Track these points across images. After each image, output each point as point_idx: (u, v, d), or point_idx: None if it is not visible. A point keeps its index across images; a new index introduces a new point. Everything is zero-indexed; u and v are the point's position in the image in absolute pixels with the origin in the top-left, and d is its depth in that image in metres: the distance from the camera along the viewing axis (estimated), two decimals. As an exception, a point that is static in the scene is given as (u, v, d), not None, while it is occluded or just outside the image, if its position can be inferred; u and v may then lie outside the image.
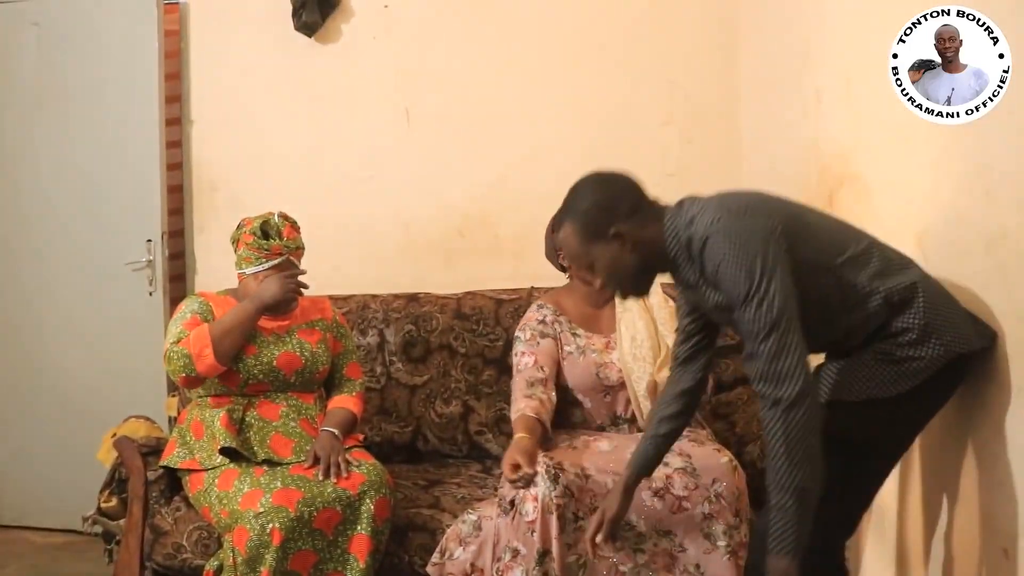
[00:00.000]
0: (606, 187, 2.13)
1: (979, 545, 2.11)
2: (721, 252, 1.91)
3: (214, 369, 2.73)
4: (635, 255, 2.05)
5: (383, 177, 3.66)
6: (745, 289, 1.87)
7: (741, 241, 1.90)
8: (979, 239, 2.08)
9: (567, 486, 2.59)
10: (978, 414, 2.11)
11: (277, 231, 2.81)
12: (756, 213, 1.97)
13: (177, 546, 2.78)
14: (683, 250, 2.02)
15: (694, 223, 1.99)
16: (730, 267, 1.89)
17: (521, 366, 2.90)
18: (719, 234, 1.92)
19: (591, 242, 2.07)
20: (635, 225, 2.05)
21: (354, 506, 2.62)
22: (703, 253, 1.95)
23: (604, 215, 2.06)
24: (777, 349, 1.85)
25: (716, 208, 1.99)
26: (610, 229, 2.04)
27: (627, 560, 2.61)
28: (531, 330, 2.94)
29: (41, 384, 3.76)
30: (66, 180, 3.72)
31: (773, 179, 3.37)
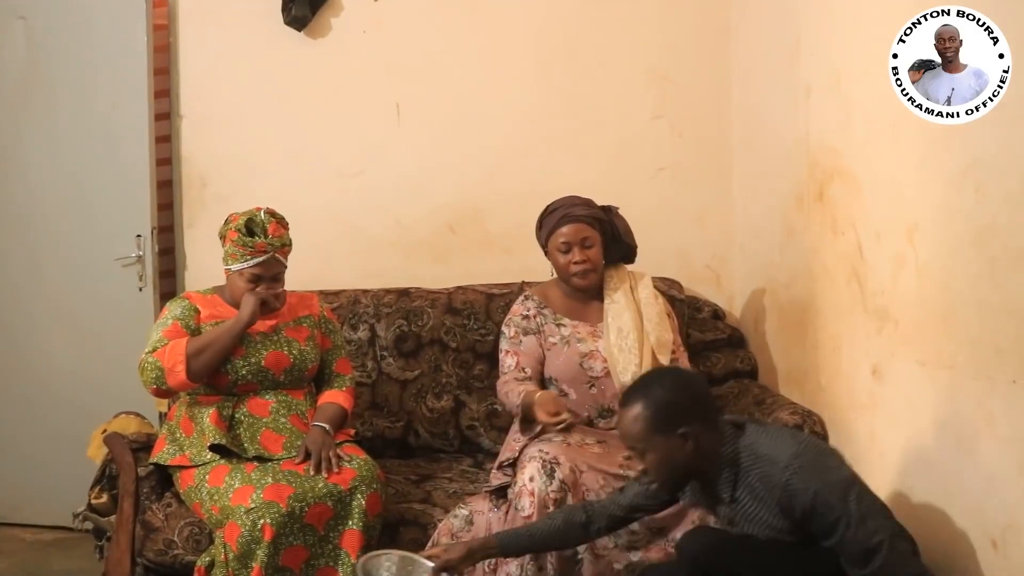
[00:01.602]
0: (689, 387, 2.19)
1: (968, 537, 2.12)
2: (809, 481, 2.02)
3: (185, 386, 2.71)
4: (688, 458, 2.12)
5: (373, 172, 3.65)
6: (845, 519, 2.01)
7: (828, 470, 2.07)
8: (969, 234, 2.09)
9: (563, 481, 2.59)
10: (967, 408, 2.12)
11: (262, 228, 2.79)
12: (832, 451, 2.21)
13: (168, 542, 2.77)
14: (731, 470, 2.13)
15: (766, 446, 2.10)
16: (823, 497, 2.01)
17: (505, 367, 2.90)
18: (804, 461, 2.05)
19: (655, 432, 2.11)
20: (701, 432, 2.12)
21: (345, 501, 2.62)
22: (790, 480, 2.03)
23: (679, 413, 2.12)
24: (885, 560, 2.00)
25: (790, 439, 2.13)
26: (679, 428, 2.10)
27: (621, 558, 2.61)
28: (514, 326, 2.94)
29: (31, 380, 3.74)
30: (55, 175, 3.69)
31: (764, 173, 3.38)
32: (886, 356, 2.49)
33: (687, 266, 2.88)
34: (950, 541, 2.19)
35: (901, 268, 2.38)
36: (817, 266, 2.91)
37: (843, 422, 2.72)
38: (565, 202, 2.94)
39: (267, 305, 2.79)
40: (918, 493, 2.33)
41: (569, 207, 2.91)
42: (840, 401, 2.77)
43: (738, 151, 3.59)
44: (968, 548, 2.13)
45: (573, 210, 2.89)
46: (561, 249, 2.89)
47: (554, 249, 2.90)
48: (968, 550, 2.13)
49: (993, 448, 2.03)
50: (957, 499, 2.17)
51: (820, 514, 2.00)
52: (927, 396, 2.28)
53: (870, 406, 2.59)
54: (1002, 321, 1.98)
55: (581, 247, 2.87)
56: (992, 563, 2.05)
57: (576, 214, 2.89)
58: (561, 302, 2.97)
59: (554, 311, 2.95)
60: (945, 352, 2.20)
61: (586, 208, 2.91)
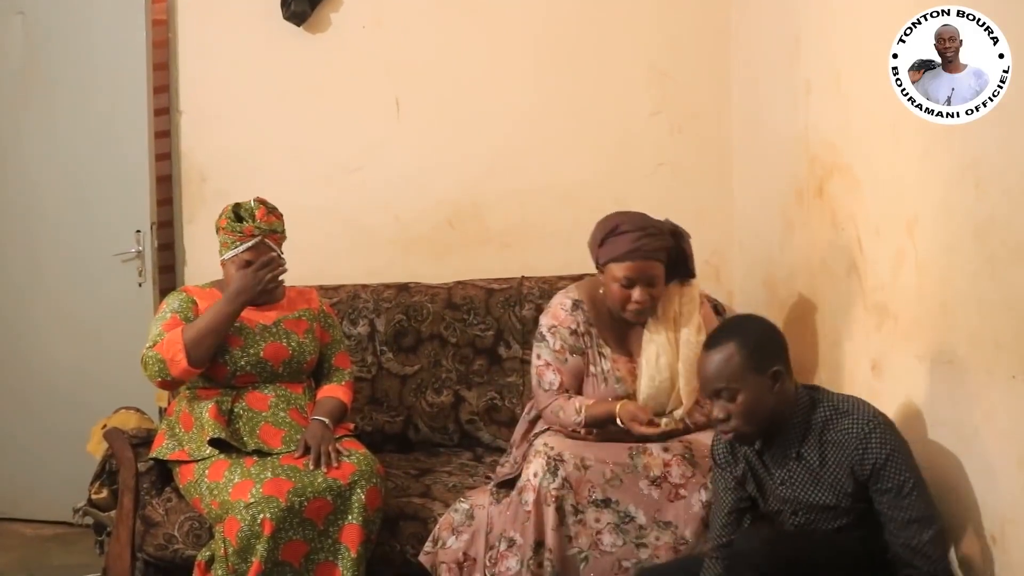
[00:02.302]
0: (773, 328, 2.24)
1: (968, 532, 2.13)
2: (890, 443, 2.08)
3: (188, 373, 2.72)
4: (775, 401, 2.13)
5: (373, 167, 3.65)
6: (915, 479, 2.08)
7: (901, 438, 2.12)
8: (969, 229, 2.09)
9: (566, 478, 2.58)
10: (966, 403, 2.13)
11: (250, 213, 2.79)
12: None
13: (168, 537, 2.77)
14: (803, 423, 2.15)
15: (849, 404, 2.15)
16: (898, 459, 2.07)
17: (545, 383, 2.73)
18: (885, 424, 2.11)
19: (751, 371, 2.11)
20: (787, 375, 2.16)
21: (345, 496, 2.62)
22: (871, 436, 2.08)
23: (772, 350, 2.15)
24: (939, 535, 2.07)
25: (868, 404, 2.17)
26: (772, 366, 2.12)
27: (630, 555, 2.59)
28: (561, 340, 2.74)
29: (31, 375, 3.74)
30: (54, 171, 3.69)
31: (763, 169, 3.38)
32: (885, 351, 2.49)
33: (686, 261, 2.89)
34: (951, 536, 2.20)
35: (901, 263, 2.38)
36: (816, 261, 2.91)
37: (842, 417, 2.72)
38: (633, 224, 2.67)
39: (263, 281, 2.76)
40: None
41: (639, 237, 2.63)
42: (839, 396, 2.77)
43: (737, 147, 3.59)
44: (967, 543, 2.13)
45: (645, 243, 2.63)
46: (622, 283, 2.65)
47: (612, 278, 2.67)
48: (967, 545, 2.13)
49: (992, 443, 2.03)
50: (956, 494, 2.18)
51: (890, 474, 2.05)
52: (926, 391, 2.28)
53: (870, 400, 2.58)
54: (1001, 316, 1.98)
55: (645, 286, 2.66)
56: (991, 558, 2.05)
57: (648, 249, 2.64)
58: (608, 321, 2.77)
59: (599, 331, 2.77)
60: (944, 347, 2.20)
61: (659, 240, 2.67)
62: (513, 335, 3.34)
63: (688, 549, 2.58)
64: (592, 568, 2.58)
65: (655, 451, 2.65)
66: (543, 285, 3.40)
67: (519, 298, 3.39)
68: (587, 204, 3.53)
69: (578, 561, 2.59)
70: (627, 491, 2.60)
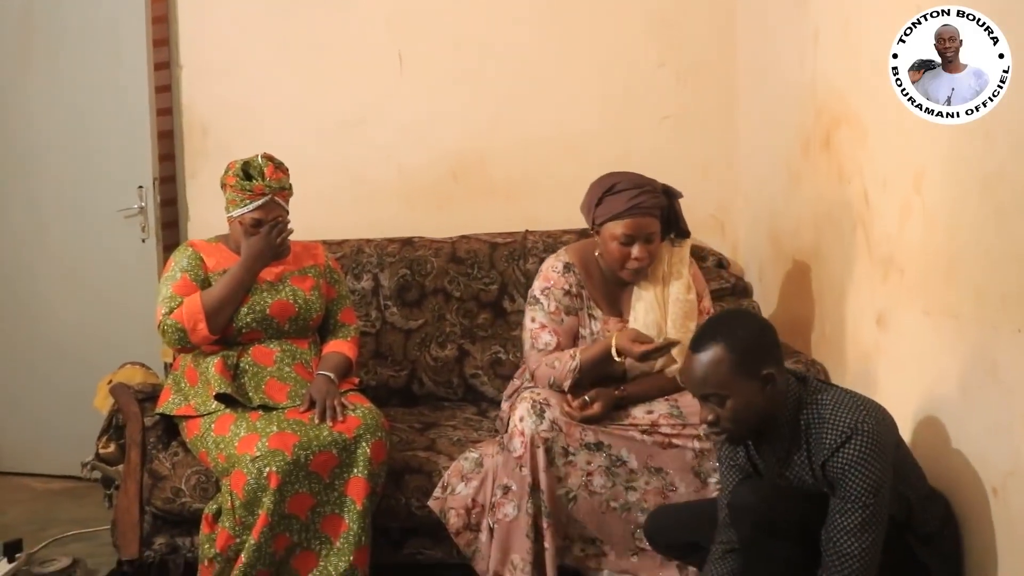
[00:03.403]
0: (764, 327, 2.13)
1: (969, 485, 2.13)
2: (861, 455, 1.98)
3: (207, 340, 2.76)
4: (767, 403, 2.05)
5: (376, 121, 3.62)
6: (868, 499, 1.98)
7: (881, 454, 2.00)
8: (977, 181, 2.07)
9: (554, 421, 2.62)
10: (971, 357, 2.12)
11: (259, 171, 2.78)
12: (888, 428, 2.08)
13: (176, 490, 2.80)
14: (792, 423, 2.07)
15: (831, 409, 2.04)
16: (863, 473, 1.98)
17: (540, 343, 2.76)
18: (865, 436, 2.00)
19: (739, 375, 2.01)
20: (779, 376, 2.06)
21: (350, 449, 2.64)
22: (844, 446, 1.99)
23: (763, 354, 2.05)
24: (866, 552, 1.99)
25: (856, 407, 2.05)
26: (763, 369, 2.02)
27: (618, 497, 2.65)
28: (556, 301, 2.77)
29: (36, 332, 3.75)
30: (55, 127, 3.66)
31: (769, 121, 3.35)
32: (891, 305, 2.48)
33: (691, 215, 2.86)
34: (951, 489, 2.21)
35: (907, 216, 2.36)
36: (822, 214, 2.89)
37: (846, 371, 2.73)
38: (629, 182, 2.69)
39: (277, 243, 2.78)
40: (920, 441, 2.34)
41: (637, 194, 2.66)
42: (844, 350, 2.77)
43: (743, 98, 3.55)
44: (969, 495, 2.14)
45: (642, 200, 2.66)
46: (620, 240, 2.67)
47: (610, 237, 2.69)
48: (969, 497, 2.14)
49: (996, 397, 2.03)
50: (959, 447, 2.18)
51: (848, 484, 1.99)
52: (931, 345, 2.28)
53: (874, 355, 2.59)
54: (1008, 269, 1.97)
55: (644, 242, 2.68)
56: (992, 510, 2.06)
57: (646, 206, 2.66)
58: (599, 283, 2.81)
59: (590, 293, 2.80)
60: (950, 301, 2.19)
61: (654, 197, 2.69)
62: (517, 289, 3.34)
63: (676, 496, 2.62)
64: (580, 508, 2.63)
65: (639, 413, 2.68)
66: (547, 239, 3.39)
67: (523, 252, 3.38)
68: (591, 157, 3.51)
69: (566, 501, 2.63)
70: (619, 438, 2.64)
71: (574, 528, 2.66)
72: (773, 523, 2.06)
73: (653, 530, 2.46)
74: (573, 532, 2.66)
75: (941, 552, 2.15)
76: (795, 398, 2.08)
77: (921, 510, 2.14)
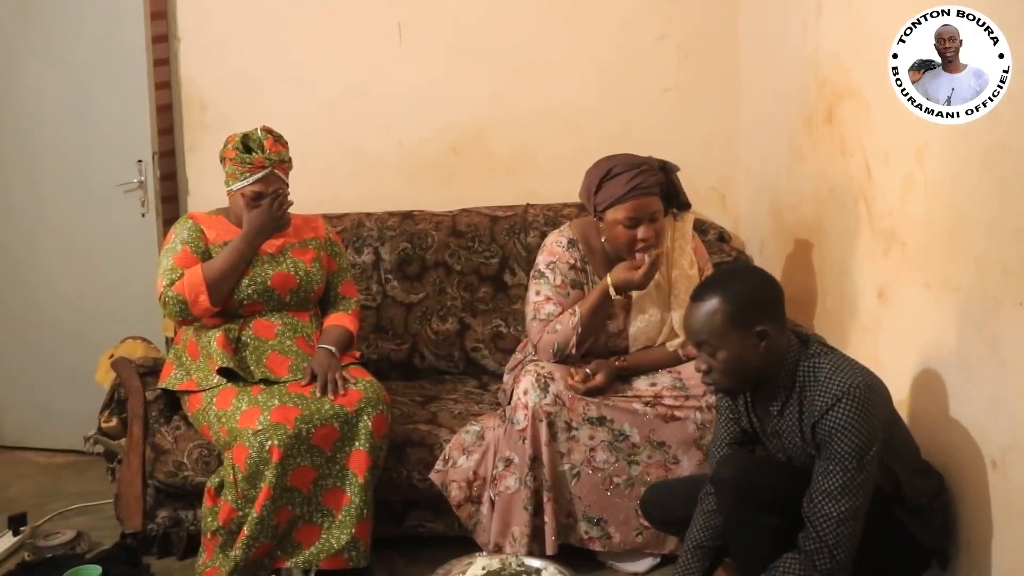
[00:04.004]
0: (767, 285, 2.12)
1: (969, 457, 2.14)
2: (849, 418, 1.99)
3: (209, 312, 2.76)
4: (760, 359, 2.06)
5: (375, 94, 3.60)
6: (850, 463, 1.99)
7: (869, 420, 2.00)
8: (979, 154, 2.06)
9: (557, 395, 2.63)
10: (972, 330, 2.13)
11: (259, 144, 2.77)
12: (881, 398, 2.08)
13: (178, 464, 2.81)
14: (789, 381, 2.08)
15: (827, 372, 2.05)
16: (849, 436, 1.99)
17: (543, 313, 2.75)
18: (855, 401, 2.00)
19: (733, 328, 2.03)
20: (776, 333, 2.06)
21: (352, 423, 2.65)
22: (834, 408, 2.00)
23: (759, 308, 2.05)
24: (845, 517, 1.99)
25: (851, 371, 2.05)
26: (757, 325, 2.03)
27: (621, 472, 2.66)
28: (561, 275, 2.77)
29: (37, 308, 3.74)
30: (52, 101, 3.63)
31: (772, 94, 3.33)
32: (892, 279, 2.48)
33: (692, 188, 2.85)
34: (950, 461, 2.22)
35: (910, 190, 2.36)
36: (824, 188, 2.88)
37: (847, 345, 2.73)
38: (625, 164, 2.67)
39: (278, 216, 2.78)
40: (919, 414, 2.35)
41: (635, 175, 2.64)
42: (844, 324, 2.77)
43: (746, 71, 3.53)
44: (968, 468, 2.15)
45: (641, 180, 2.64)
46: (625, 224, 2.65)
47: (614, 222, 2.67)
48: (968, 470, 2.15)
49: (996, 370, 2.03)
50: (959, 420, 2.19)
51: (833, 445, 2.00)
52: (932, 318, 2.28)
53: (874, 329, 2.59)
54: (1010, 242, 1.97)
55: (648, 222, 2.66)
56: (991, 483, 2.07)
57: (645, 185, 2.64)
58: (601, 259, 2.80)
59: (594, 269, 2.79)
60: (952, 274, 2.19)
61: (653, 175, 2.68)
62: (518, 262, 3.34)
63: (678, 469, 2.64)
64: (583, 484, 2.65)
65: (643, 385, 2.69)
66: (548, 212, 3.39)
67: (524, 225, 3.38)
68: (593, 130, 3.50)
69: (569, 477, 2.65)
70: (622, 411, 2.66)
71: (578, 505, 2.67)
72: (754, 496, 2.08)
73: (649, 505, 2.48)
74: (577, 510, 2.67)
75: (931, 525, 2.17)
76: (795, 358, 2.09)
77: (910, 484, 2.15)
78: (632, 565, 2.73)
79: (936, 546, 2.18)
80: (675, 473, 2.66)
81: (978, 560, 2.12)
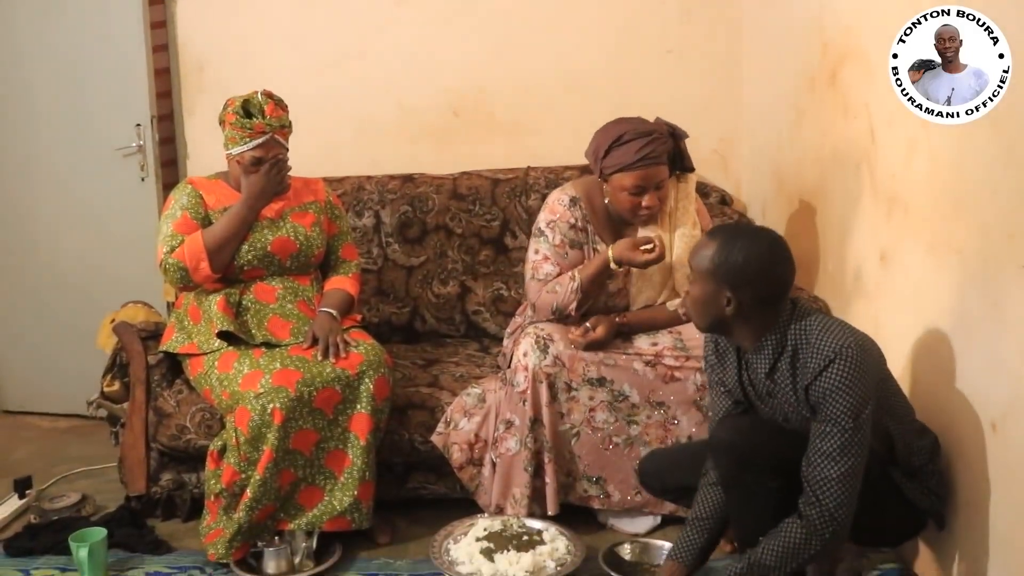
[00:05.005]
0: (766, 263, 2.10)
1: (968, 420, 2.15)
2: (843, 379, 2.01)
3: (210, 278, 2.76)
4: (723, 316, 2.10)
5: (374, 55, 3.57)
6: (847, 423, 2.01)
7: (863, 379, 2.02)
8: (985, 117, 2.05)
9: (557, 356, 2.64)
10: (974, 293, 2.12)
11: (260, 109, 2.75)
12: (872, 357, 2.10)
13: (181, 427, 2.83)
14: (779, 344, 2.10)
15: (817, 334, 2.07)
16: (843, 396, 2.01)
17: (541, 274, 2.76)
18: (848, 361, 2.02)
19: (710, 276, 2.08)
20: (749, 307, 2.08)
21: (353, 386, 2.66)
22: (827, 369, 2.02)
23: (739, 279, 2.06)
24: (844, 478, 2.01)
25: (841, 332, 2.07)
26: (730, 290, 2.07)
27: (621, 431, 2.68)
28: (561, 234, 2.77)
29: (37, 273, 3.74)
30: (49, 66, 3.59)
31: (774, 56, 3.30)
32: (894, 242, 2.48)
33: (694, 151, 2.84)
34: (950, 422, 2.23)
35: (914, 152, 2.34)
36: (827, 151, 2.87)
37: (848, 308, 2.73)
38: (636, 132, 2.66)
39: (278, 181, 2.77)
40: (921, 375, 2.36)
41: (646, 144, 2.64)
42: (846, 287, 2.77)
43: (748, 33, 3.49)
44: (967, 431, 2.16)
45: (652, 150, 2.64)
46: (631, 191, 2.66)
47: (620, 188, 2.68)
48: (967, 433, 2.16)
49: (997, 333, 2.03)
50: (959, 383, 2.19)
51: (828, 406, 2.02)
52: (934, 282, 2.27)
53: (876, 292, 2.59)
54: (1015, 206, 1.96)
55: (654, 190, 2.67)
56: (990, 445, 2.08)
57: (655, 155, 2.64)
58: (603, 218, 2.80)
59: (595, 228, 2.79)
60: (955, 237, 2.18)
61: (663, 144, 2.67)
62: (519, 225, 3.33)
63: (677, 429, 2.66)
64: (583, 443, 2.67)
65: (644, 344, 2.70)
66: (549, 175, 3.37)
67: (525, 188, 3.37)
68: (594, 92, 3.47)
69: (569, 436, 2.67)
70: (622, 371, 2.67)
71: (578, 465, 2.69)
72: (753, 460, 2.09)
73: (646, 474, 2.49)
74: (577, 470, 2.69)
75: (926, 486, 2.19)
76: (785, 320, 2.11)
77: (905, 445, 2.16)
78: (632, 525, 2.75)
79: (932, 508, 2.20)
80: (674, 434, 2.67)
81: (975, 521, 2.13)
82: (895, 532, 2.25)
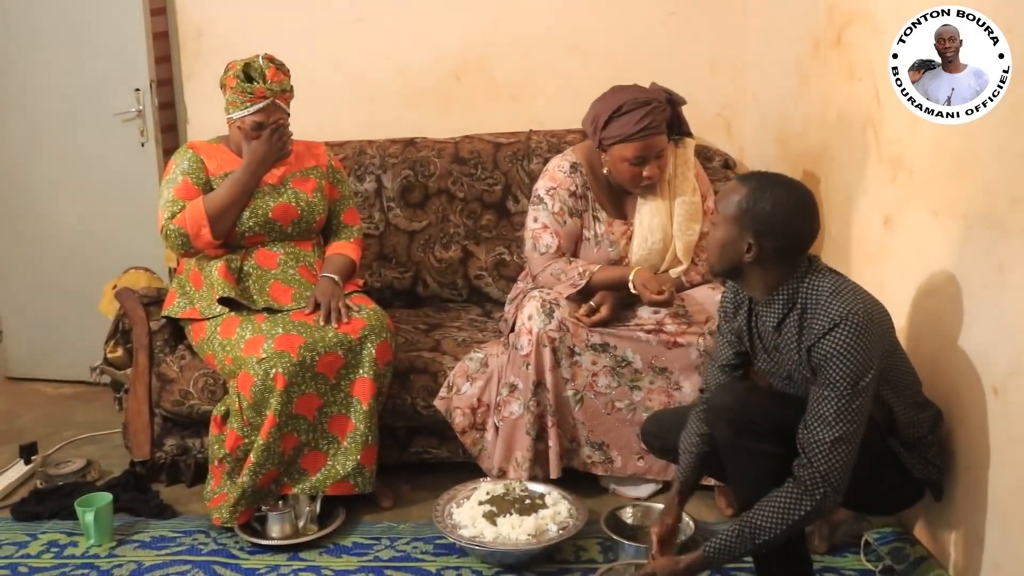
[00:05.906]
0: (793, 215, 2.07)
1: (970, 384, 2.15)
2: (845, 344, 2.00)
3: (212, 244, 2.75)
4: (742, 262, 2.08)
5: (375, 19, 3.53)
6: (844, 388, 2.00)
7: (865, 347, 2.00)
8: (991, 78, 2.02)
9: (562, 321, 2.64)
10: (978, 257, 2.11)
11: (261, 73, 2.73)
12: (880, 327, 2.07)
13: (184, 393, 2.84)
14: (790, 299, 2.09)
15: (827, 295, 2.06)
16: (843, 361, 2.00)
17: (542, 246, 2.77)
18: (852, 326, 2.01)
19: (735, 220, 2.06)
20: (769, 257, 2.07)
21: (355, 350, 2.66)
22: (831, 332, 2.01)
23: (763, 228, 2.05)
24: (838, 443, 1.99)
25: (852, 297, 2.06)
26: (750, 237, 2.05)
27: (623, 396, 2.68)
28: (560, 202, 2.77)
29: (39, 239, 3.74)
30: (47, 29, 3.56)
31: (779, 17, 3.26)
32: (899, 205, 2.46)
33: (698, 114, 2.81)
34: (952, 387, 2.23)
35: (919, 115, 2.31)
36: (832, 114, 2.84)
37: (852, 272, 2.71)
38: (635, 102, 2.66)
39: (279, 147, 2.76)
40: (923, 340, 2.35)
41: (645, 114, 2.64)
42: (850, 251, 2.76)
43: (753, -7, 3.45)
44: (969, 394, 2.16)
45: (652, 120, 2.64)
46: (632, 161, 2.67)
47: (620, 158, 2.69)
48: (969, 396, 2.16)
49: (1001, 297, 2.02)
50: (962, 346, 2.19)
51: (828, 370, 2.02)
52: (938, 245, 2.26)
53: (880, 256, 2.58)
54: (1020, 168, 1.94)
55: (654, 159, 2.68)
56: (992, 409, 2.08)
57: (655, 125, 2.65)
58: (604, 185, 2.80)
59: (596, 195, 2.79)
60: (959, 200, 2.17)
61: (662, 113, 2.68)
62: (521, 189, 3.32)
63: (680, 395, 2.67)
64: (586, 408, 2.68)
65: (645, 314, 2.69)
66: (551, 139, 3.35)
67: (527, 152, 3.35)
68: (597, 55, 3.44)
69: (573, 402, 2.67)
70: (625, 338, 2.66)
71: (581, 431, 2.70)
72: (749, 423, 2.09)
73: (649, 433, 2.50)
74: (580, 435, 2.70)
75: (925, 457, 2.19)
76: (796, 282, 2.10)
77: (905, 416, 2.16)
78: (634, 490, 2.77)
79: (930, 478, 2.21)
80: (676, 399, 2.68)
81: (975, 485, 2.14)
82: (892, 501, 2.26)
